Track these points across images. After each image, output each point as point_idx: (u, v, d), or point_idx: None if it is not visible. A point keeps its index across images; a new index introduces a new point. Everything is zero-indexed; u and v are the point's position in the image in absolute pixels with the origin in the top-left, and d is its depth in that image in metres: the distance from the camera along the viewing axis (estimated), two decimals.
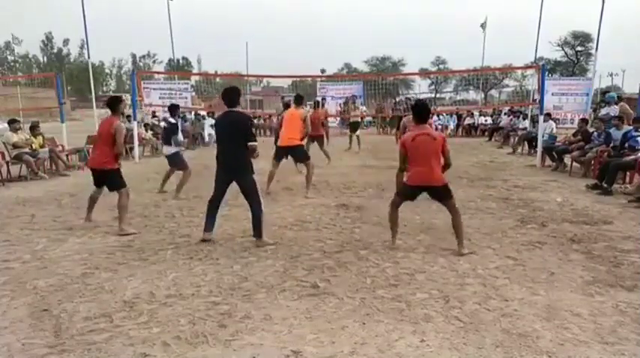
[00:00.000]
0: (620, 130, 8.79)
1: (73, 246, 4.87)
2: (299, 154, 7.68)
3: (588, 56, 47.51)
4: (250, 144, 4.82)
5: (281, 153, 7.61)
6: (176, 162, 7.64)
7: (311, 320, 3.22)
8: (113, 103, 5.57)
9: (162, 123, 10.39)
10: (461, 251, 4.59)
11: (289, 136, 7.43)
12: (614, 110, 11.06)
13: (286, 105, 11.12)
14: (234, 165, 4.93)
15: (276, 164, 7.59)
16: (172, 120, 7.69)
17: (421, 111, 4.77)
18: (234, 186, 5.03)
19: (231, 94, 4.93)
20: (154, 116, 16.91)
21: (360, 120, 16.00)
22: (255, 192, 4.93)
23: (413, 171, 4.68)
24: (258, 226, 4.90)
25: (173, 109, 7.95)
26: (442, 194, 4.70)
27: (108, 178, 5.54)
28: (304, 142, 8.11)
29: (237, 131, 4.83)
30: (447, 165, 4.73)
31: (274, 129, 10.83)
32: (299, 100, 8.00)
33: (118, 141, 5.40)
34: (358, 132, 14.33)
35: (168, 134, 7.67)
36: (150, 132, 14.27)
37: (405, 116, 10.52)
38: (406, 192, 4.82)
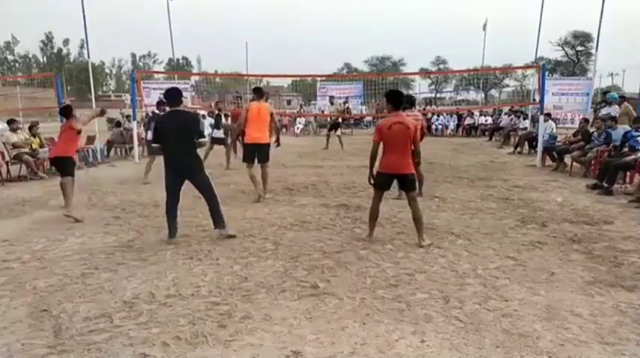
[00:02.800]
0: (615, 130, 8.82)
1: (72, 246, 4.87)
2: (264, 154, 7.02)
3: (588, 56, 47.57)
4: (200, 140, 4.94)
5: (251, 151, 7.00)
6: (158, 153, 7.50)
7: (311, 321, 3.21)
8: (65, 111, 6.54)
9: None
10: (421, 243, 4.78)
11: (259, 133, 6.87)
12: (614, 110, 11.04)
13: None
14: (186, 164, 4.98)
15: (250, 165, 6.98)
16: (157, 111, 7.62)
17: (395, 97, 4.88)
18: (235, 187, 5.02)
19: (174, 94, 5.04)
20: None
21: (340, 120, 16.01)
22: (210, 187, 5.05)
23: (386, 158, 4.81)
24: (220, 217, 5.05)
25: (161, 104, 7.87)
26: (409, 183, 4.84)
27: (62, 164, 6.26)
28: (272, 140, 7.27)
29: (187, 129, 4.90)
30: (416, 154, 4.90)
31: (233, 128, 9.95)
32: (259, 92, 7.17)
33: (82, 121, 6.38)
34: (339, 132, 14.49)
35: (149, 124, 7.65)
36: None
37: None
38: (380, 181, 4.91)
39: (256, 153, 6.97)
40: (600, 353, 2.80)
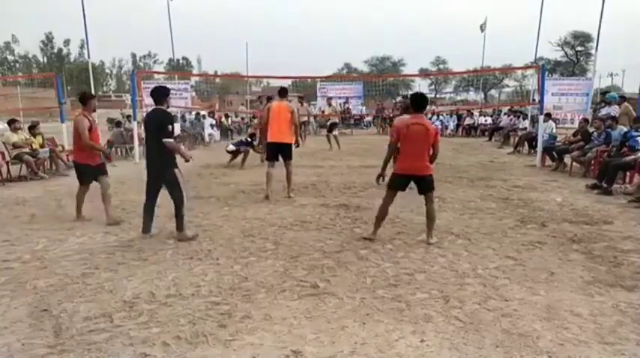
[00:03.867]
0: (614, 130, 8.82)
1: (73, 246, 4.87)
2: (287, 153, 7.08)
3: (588, 56, 47.56)
4: (164, 140, 4.88)
5: (273, 150, 7.03)
6: None
7: (311, 320, 3.22)
8: (81, 98, 5.87)
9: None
10: (429, 240, 4.86)
11: (280, 132, 6.94)
12: (614, 110, 11.04)
13: (269, 99, 10.97)
14: (155, 164, 5.05)
15: (271, 164, 7.02)
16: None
17: (419, 100, 4.88)
18: (235, 187, 5.03)
19: (157, 92, 5.09)
20: None
21: (337, 121, 16.05)
22: (176, 185, 5.02)
23: (403, 160, 4.80)
24: (180, 222, 5.04)
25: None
26: (427, 185, 4.83)
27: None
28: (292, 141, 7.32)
29: (156, 129, 4.92)
30: (434, 156, 4.89)
31: (259, 128, 10.09)
32: (283, 93, 7.30)
33: (82, 136, 5.57)
34: (335, 132, 14.53)
35: None
36: None
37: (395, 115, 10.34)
38: (396, 182, 4.90)
39: (279, 152, 7.05)
40: (600, 353, 2.80)
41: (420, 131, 4.68)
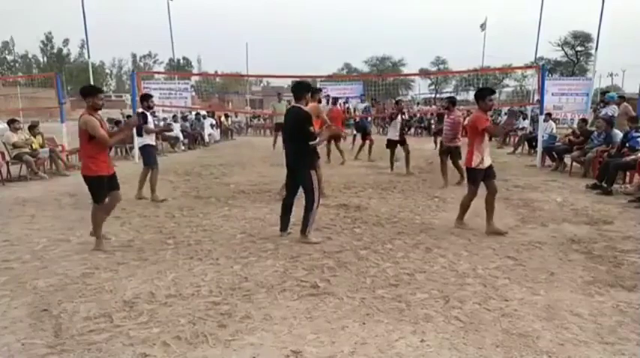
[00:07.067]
0: (611, 132, 8.86)
1: (73, 246, 4.87)
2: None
3: (588, 56, 47.49)
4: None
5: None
6: (144, 156, 7.24)
7: (311, 320, 3.22)
8: (82, 92, 4.75)
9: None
10: (491, 229, 5.20)
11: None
12: (611, 109, 11.08)
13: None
14: (290, 161, 5.04)
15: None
16: (140, 110, 7.33)
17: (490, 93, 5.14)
18: (235, 187, 5.01)
19: (297, 88, 5.04)
20: (153, 115, 16.87)
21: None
22: (309, 186, 4.89)
23: (484, 154, 5.08)
24: (304, 221, 4.97)
25: (143, 99, 7.56)
26: (493, 172, 5.30)
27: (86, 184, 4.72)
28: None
29: (294, 127, 4.86)
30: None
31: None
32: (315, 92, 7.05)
33: (95, 135, 4.48)
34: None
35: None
36: None
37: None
38: (480, 177, 5.18)
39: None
40: (600, 353, 2.80)
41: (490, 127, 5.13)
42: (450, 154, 8.32)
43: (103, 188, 4.70)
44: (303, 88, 5.01)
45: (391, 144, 9.68)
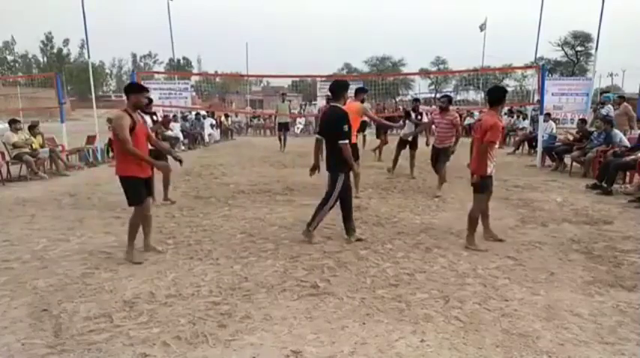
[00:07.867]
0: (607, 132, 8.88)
1: (73, 246, 4.87)
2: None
3: (588, 56, 47.49)
4: None
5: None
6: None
7: (311, 320, 3.22)
8: (125, 89, 4.49)
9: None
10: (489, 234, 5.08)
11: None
12: (606, 109, 11.15)
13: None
14: (327, 161, 5.04)
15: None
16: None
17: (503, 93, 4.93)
18: (235, 187, 5.01)
19: (336, 87, 4.98)
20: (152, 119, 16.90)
21: (289, 120, 15.74)
22: (332, 188, 4.96)
23: (495, 160, 4.87)
24: (311, 219, 4.97)
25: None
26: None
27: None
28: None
29: (333, 128, 4.81)
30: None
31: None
32: (361, 91, 7.23)
33: (118, 134, 4.18)
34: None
35: None
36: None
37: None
38: (491, 184, 4.97)
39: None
40: (600, 353, 2.80)
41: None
42: (437, 157, 7.77)
43: (133, 190, 4.33)
44: (341, 87, 4.93)
45: (401, 145, 9.38)
